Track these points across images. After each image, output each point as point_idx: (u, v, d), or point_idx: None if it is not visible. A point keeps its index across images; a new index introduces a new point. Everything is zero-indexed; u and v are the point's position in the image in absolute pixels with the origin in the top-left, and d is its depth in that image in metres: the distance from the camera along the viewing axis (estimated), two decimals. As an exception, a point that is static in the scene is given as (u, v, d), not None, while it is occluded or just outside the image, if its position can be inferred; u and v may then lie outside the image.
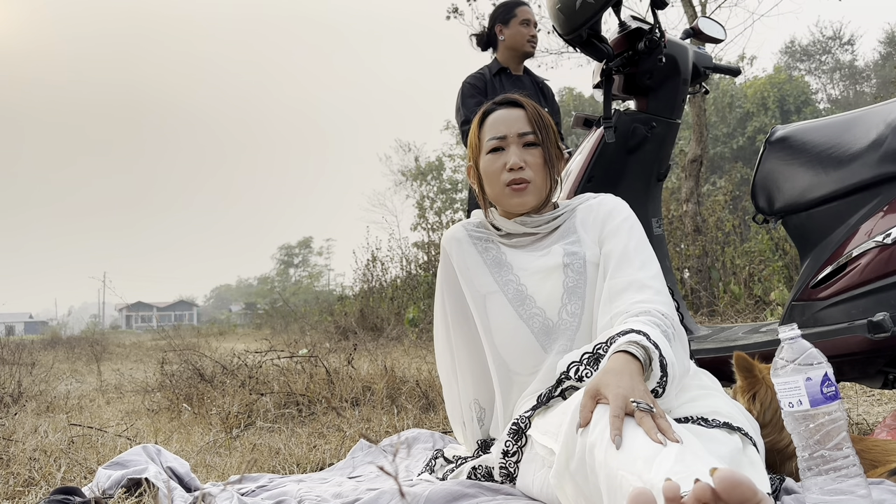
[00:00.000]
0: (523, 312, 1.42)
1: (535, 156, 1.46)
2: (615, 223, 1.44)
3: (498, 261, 1.49)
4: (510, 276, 1.46)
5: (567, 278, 1.41)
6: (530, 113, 1.48)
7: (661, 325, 1.21)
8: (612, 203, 1.49)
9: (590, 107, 25.14)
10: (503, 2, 3.16)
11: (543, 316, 1.40)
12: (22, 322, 59.50)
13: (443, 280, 1.57)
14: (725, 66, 2.35)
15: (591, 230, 1.46)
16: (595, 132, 2.18)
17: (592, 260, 1.42)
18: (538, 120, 1.47)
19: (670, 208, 7.02)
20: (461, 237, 1.54)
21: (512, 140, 1.46)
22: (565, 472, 1.02)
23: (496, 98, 1.54)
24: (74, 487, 1.51)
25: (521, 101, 1.50)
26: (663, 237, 2.22)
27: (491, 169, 1.47)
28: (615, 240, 1.41)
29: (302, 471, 1.86)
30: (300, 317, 12.13)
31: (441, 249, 1.58)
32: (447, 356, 1.59)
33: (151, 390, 3.72)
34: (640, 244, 1.40)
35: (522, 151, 1.45)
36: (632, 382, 1.03)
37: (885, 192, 1.60)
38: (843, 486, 0.93)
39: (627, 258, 1.37)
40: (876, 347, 1.55)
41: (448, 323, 1.56)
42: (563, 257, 1.43)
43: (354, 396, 2.81)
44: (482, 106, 1.52)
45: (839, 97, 31.45)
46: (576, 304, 1.39)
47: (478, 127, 1.52)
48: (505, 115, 1.49)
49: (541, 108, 1.51)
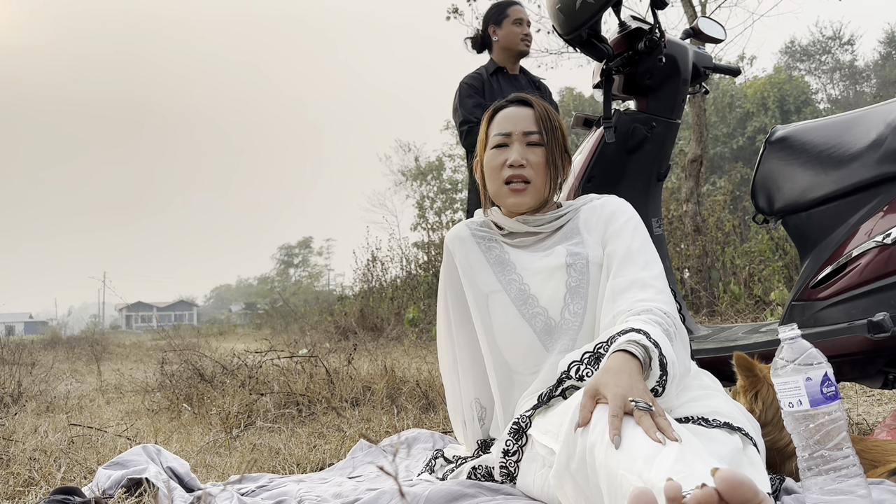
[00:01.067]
0: (526, 312, 1.42)
1: (538, 155, 1.46)
2: (619, 224, 1.44)
3: (501, 260, 1.49)
4: (513, 276, 1.46)
5: (570, 278, 1.41)
6: (538, 113, 1.48)
7: (663, 323, 1.21)
8: (616, 204, 1.49)
9: (590, 107, 25.13)
10: (495, 3, 3.20)
11: (546, 315, 1.41)
12: (22, 322, 59.48)
13: (446, 279, 1.57)
14: (725, 66, 2.35)
15: (595, 231, 1.46)
16: (595, 132, 2.18)
17: (595, 260, 1.42)
18: (546, 121, 1.48)
19: (670, 208, 7.01)
20: (465, 236, 1.54)
21: (516, 137, 1.47)
22: (565, 472, 1.03)
23: (509, 96, 1.55)
24: (74, 487, 1.51)
25: (531, 100, 1.51)
26: (663, 237, 2.22)
27: (492, 164, 1.48)
28: (619, 240, 1.41)
29: (302, 471, 1.86)
30: (300, 317, 12.13)
31: (444, 248, 1.59)
32: (449, 355, 1.59)
33: (151, 390, 3.72)
34: (643, 244, 1.41)
35: (525, 150, 1.46)
36: (630, 381, 1.03)
37: (885, 192, 1.60)
38: (843, 486, 0.93)
39: (631, 258, 1.37)
40: (876, 347, 1.55)
41: (451, 321, 1.57)
42: (566, 257, 1.43)
43: (354, 396, 2.81)
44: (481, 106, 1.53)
45: (839, 97, 31.46)
46: (578, 303, 1.40)
47: (487, 123, 1.53)
48: (513, 112, 1.49)
49: (552, 111, 1.51)
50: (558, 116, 1.52)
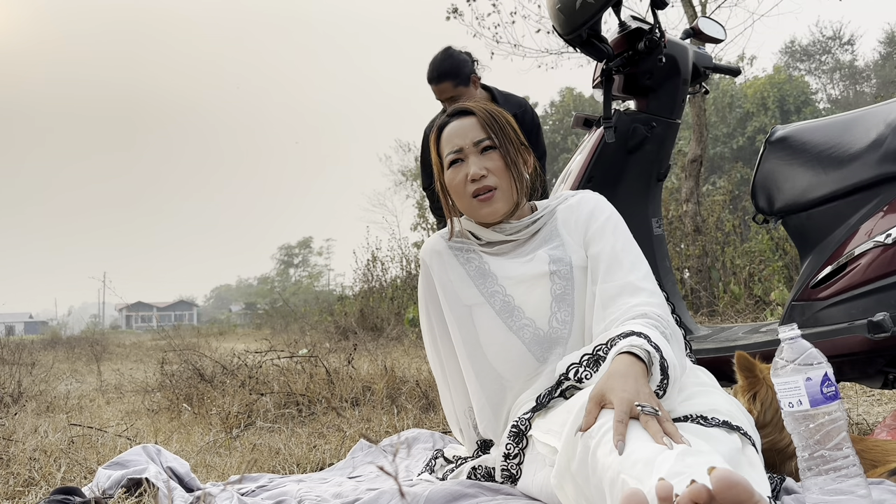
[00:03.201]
0: (512, 324, 1.39)
1: (494, 160, 1.41)
2: (599, 223, 1.41)
3: (481, 271, 1.45)
4: (496, 287, 1.42)
5: (554, 286, 1.38)
6: (481, 117, 1.44)
7: (660, 326, 1.21)
8: (594, 202, 1.46)
9: (590, 107, 25.12)
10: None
11: (534, 326, 1.38)
12: (22, 322, 59.44)
13: (425, 293, 1.53)
14: (725, 66, 2.35)
15: (575, 232, 1.43)
16: (595, 132, 2.18)
17: (579, 264, 1.39)
18: (492, 123, 1.43)
19: (670, 208, 7.01)
20: (441, 249, 1.50)
21: (469, 150, 1.42)
22: (566, 473, 1.02)
23: (448, 110, 1.51)
24: (74, 487, 1.51)
25: (470, 107, 1.46)
26: (663, 237, 2.22)
27: (454, 183, 1.44)
28: (601, 242, 1.38)
29: (302, 471, 1.86)
30: (300, 317, 12.13)
31: (420, 262, 1.54)
32: (438, 367, 1.56)
33: (151, 390, 3.72)
34: (626, 244, 1.38)
35: (481, 159, 1.41)
36: (637, 386, 1.03)
37: (885, 192, 1.60)
38: (843, 486, 0.93)
39: (617, 260, 1.35)
40: (876, 347, 1.55)
41: (435, 335, 1.53)
42: (549, 264, 1.39)
43: (354, 396, 2.81)
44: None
45: (839, 97, 31.45)
46: (565, 311, 1.37)
47: (435, 144, 1.49)
48: (458, 126, 1.45)
49: (495, 109, 1.46)
50: (503, 113, 1.47)
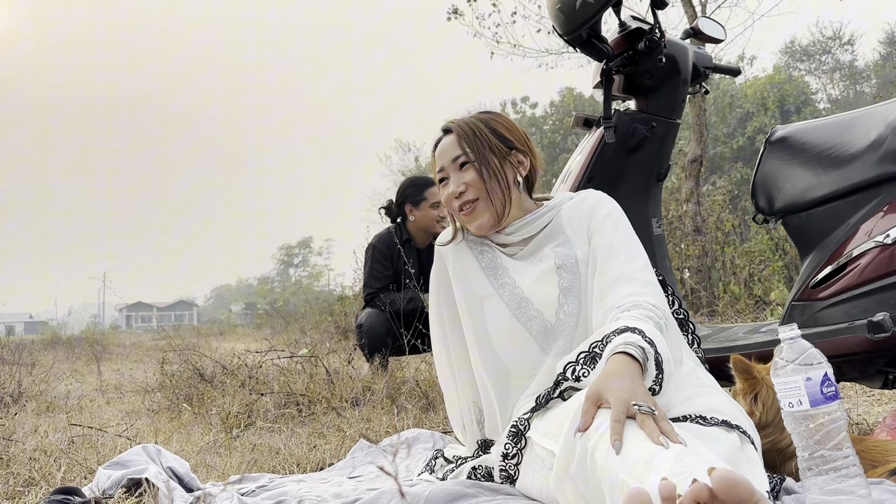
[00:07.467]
0: (521, 315, 1.42)
1: (470, 174, 1.47)
2: (599, 218, 1.45)
3: (493, 265, 1.50)
4: (506, 279, 1.47)
5: (561, 279, 1.42)
6: (458, 134, 1.50)
7: (654, 317, 1.22)
8: (596, 198, 1.50)
9: (590, 107, 25.12)
10: (414, 181, 3.26)
11: (542, 318, 1.41)
12: (22, 322, 59.42)
13: (437, 283, 1.58)
14: (725, 66, 2.35)
15: (579, 228, 1.47)
16: (595, 132, 2.18)
17: (584, 258, 1.43)
18: (467, 138, 1.49)
19: (670, 208, 7.01)
20: (458, 240, 1.55)
21: (450, 169, 1.50)
22: (565, 475, 1.03)
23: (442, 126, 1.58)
24: (74, 487, 1.51)
25: (449, 126, 1.53)
26: (663, 237, 2.22)
27: (445, 201, 1.52)
28: (601, 235, 1.42)
29: (302, 471, 1.86)
30: (300, 317, 12.12)
31: (435, 252, 1.59)
32: (444, 359, 1.59)
33: (151, 390, 3.72)
34: (625, 236, 1.41)
35: (460, 175, 1.48)
36: (633, 385, 1.03)
37: (885, 192, 1.60)
38: (843, 486, 0.93)
39: (613, 251, 1.38)
40: (876, 347, 1.55)
41: (444, 325, 1.57)
42: (555, 259, 1.44)
43: (354, 396, 2.80)
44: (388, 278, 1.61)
45: (839, 97, 31.45)
46: (572, 303, 1.40)
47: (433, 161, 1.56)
48: (441, 147, 1.53)
49: (474, 123, 1.51)
50: (481, 125, 1.50)
